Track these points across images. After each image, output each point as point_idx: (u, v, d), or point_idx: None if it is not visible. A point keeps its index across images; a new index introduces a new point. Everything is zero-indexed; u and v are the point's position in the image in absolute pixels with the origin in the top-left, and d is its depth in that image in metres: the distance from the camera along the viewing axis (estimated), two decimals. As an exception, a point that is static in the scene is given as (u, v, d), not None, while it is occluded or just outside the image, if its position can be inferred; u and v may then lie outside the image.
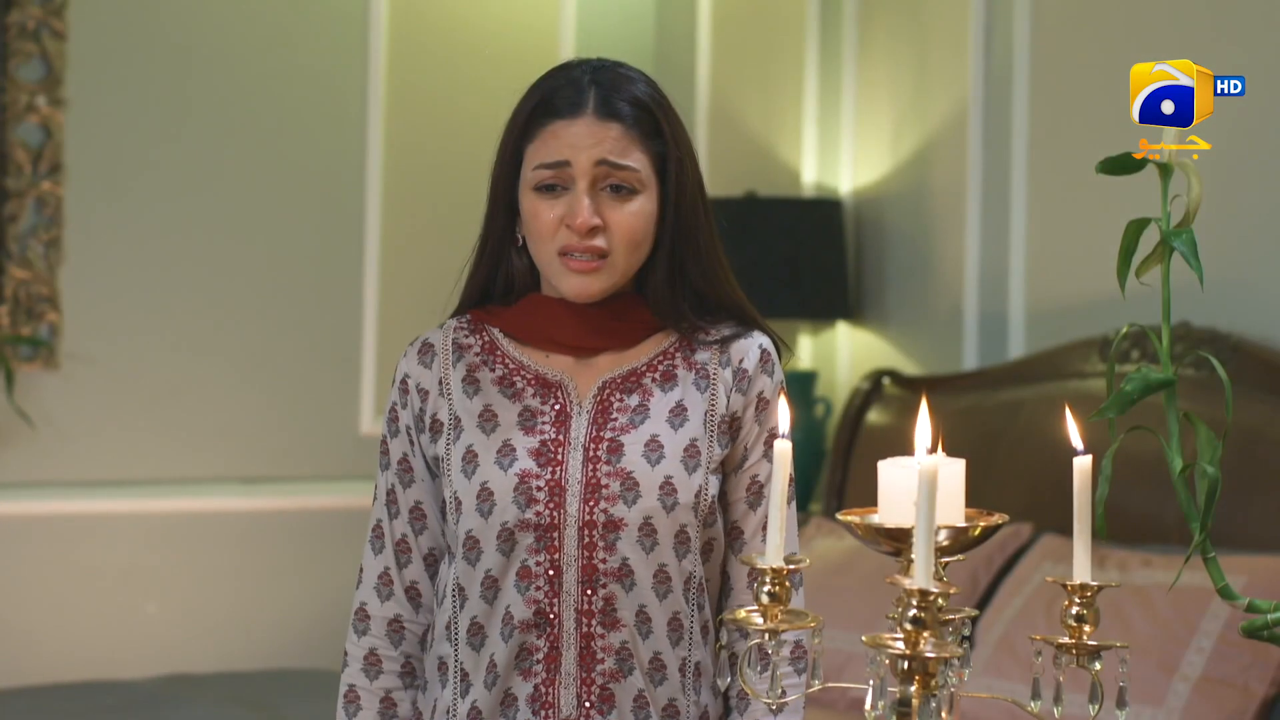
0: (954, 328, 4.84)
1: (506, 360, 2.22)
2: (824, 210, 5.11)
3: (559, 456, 2.14)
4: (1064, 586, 1.44)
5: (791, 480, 2.18)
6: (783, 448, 1.40)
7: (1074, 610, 1.44)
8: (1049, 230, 4.60)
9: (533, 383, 2.20)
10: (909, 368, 4.95)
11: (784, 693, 2.04)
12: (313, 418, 5.18)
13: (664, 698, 2.15)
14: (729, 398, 2.17)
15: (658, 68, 5.53)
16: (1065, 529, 3.10)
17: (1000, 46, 4.73)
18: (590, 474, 2.13)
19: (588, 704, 2.14)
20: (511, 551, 2.13)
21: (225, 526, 5.07)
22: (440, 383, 2.22)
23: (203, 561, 5.03)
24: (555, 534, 2.12)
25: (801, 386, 5.04)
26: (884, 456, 1.45)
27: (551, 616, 2.13)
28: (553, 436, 2.16)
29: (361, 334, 5.22)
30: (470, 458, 2.16)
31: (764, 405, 2.19)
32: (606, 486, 2.13)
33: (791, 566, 1.37)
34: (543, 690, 2.15)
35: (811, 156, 5.30)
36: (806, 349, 5.32)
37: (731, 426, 2.17)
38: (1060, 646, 1.45)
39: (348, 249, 5.23)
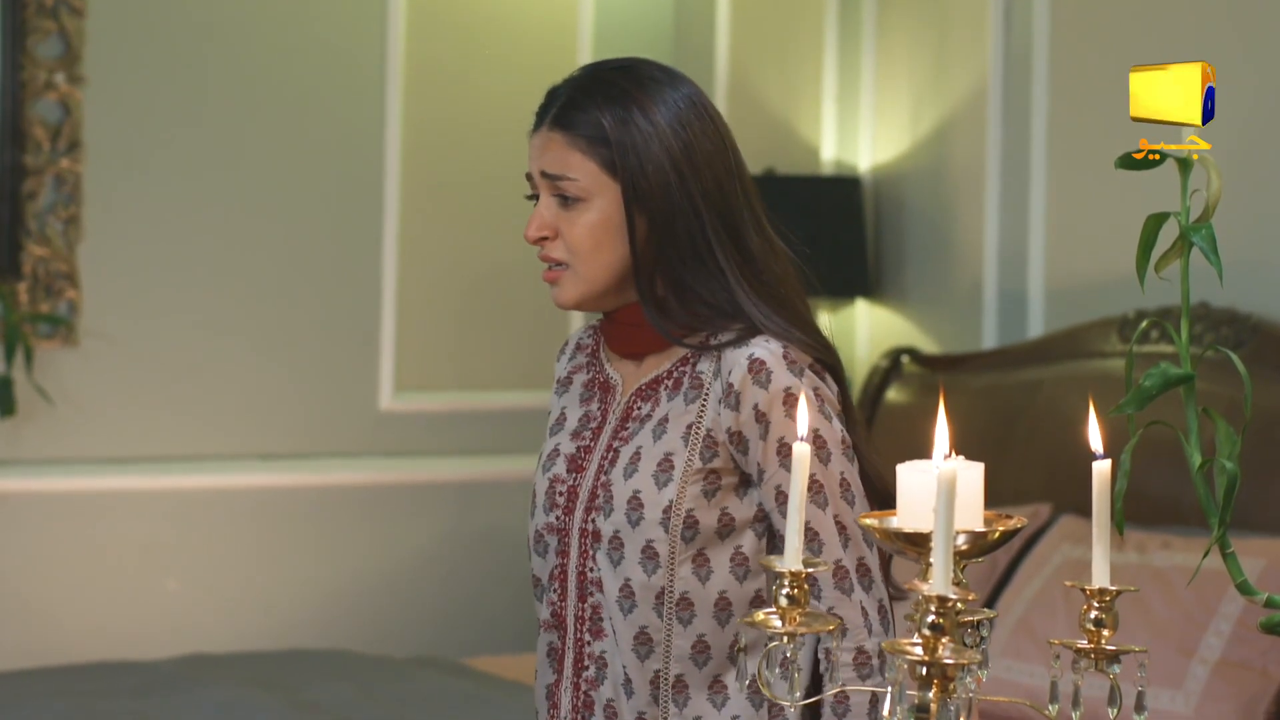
0: (973, 306, 4.83)
1: (598, 364, 2.26)
2: (843, 188, 5.10)
3: (584, 463, 2.19)
4: (1083, 591, 1.44)
5: (845, 482, 2.09)
6: (800, 451, 1.39)
7: (1092, 615, 1.44)
8: (1069, 208, 4.58)
9: (600, 387, 2.24)
10: (928, 346, 4.94)
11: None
12: (332, 394, 5.18)
13: (632, 711, 2.13)
14: (719, 412, 2.10)
15: (677, 44, 5.51)
16: (1084, 509, 3.10)
17: (1020, 22, 4.71)
18: (594, 483, 2.16)
19: (574, 708, 2.18)
20: (545, 554, 2.20)
21: (244, 503, 5.08)
22: (559, 380, 2.31)
23: (222, 538, 5.04)
24: (566, 539, 2.17)
25: (820, 364, 5.02)
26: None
27: (561, 619, 2.18)
28: (588, 443, 2.20)
29: (380, 310, 5.22)
30: (542, 461, 2.24)
31: (762, 418, 2.08)
32: (597, 497, 2.15)
33: (810, 570, 1.36)
34: (554, 689, 2.20)
35: (831, 134, 5.29)
36: (825, 327, 5.30)
37: (736, 442, 2.10)
38: (1079, 651, 1.44)
39: (367, 225, 5.22)
